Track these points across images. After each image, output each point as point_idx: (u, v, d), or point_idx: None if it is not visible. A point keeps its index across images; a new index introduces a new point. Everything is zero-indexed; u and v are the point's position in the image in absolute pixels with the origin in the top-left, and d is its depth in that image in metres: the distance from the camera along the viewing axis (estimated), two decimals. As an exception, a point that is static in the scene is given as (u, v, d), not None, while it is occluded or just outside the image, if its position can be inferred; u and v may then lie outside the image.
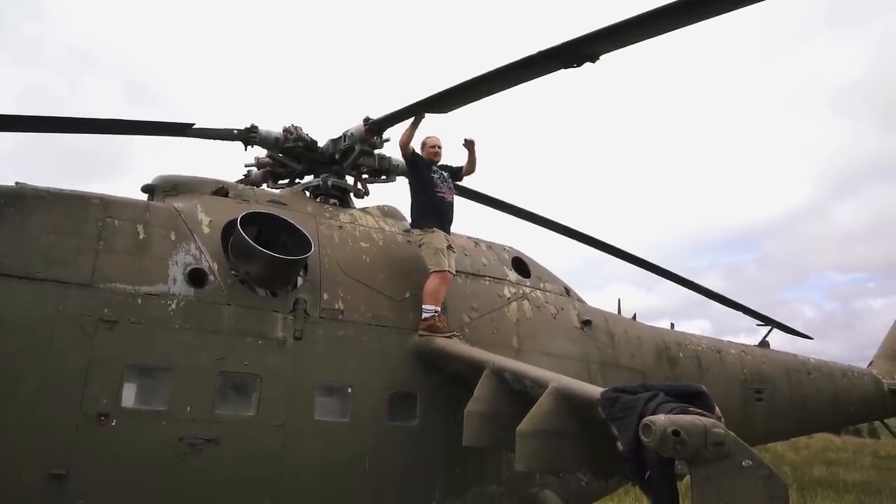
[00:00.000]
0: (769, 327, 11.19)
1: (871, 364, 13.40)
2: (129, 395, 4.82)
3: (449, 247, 6.30)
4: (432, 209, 6.41)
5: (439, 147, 6.64)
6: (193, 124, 6.43)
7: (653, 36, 4.77)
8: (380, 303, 5.97)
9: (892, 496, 15.00)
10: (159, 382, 4.91)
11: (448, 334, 5.93)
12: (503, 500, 6.05)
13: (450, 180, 6.65)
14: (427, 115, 6.23)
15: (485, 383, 5.01)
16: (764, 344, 10.77)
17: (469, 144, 6.70)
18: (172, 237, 5.28)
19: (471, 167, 6.80)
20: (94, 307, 4.75)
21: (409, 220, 7.16)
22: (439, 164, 6.67)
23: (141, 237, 5.16)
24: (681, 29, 4.70)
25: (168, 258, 5.17)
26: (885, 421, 13.61)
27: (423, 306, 6.00)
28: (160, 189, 5.87)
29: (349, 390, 5.59)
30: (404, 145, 6.44)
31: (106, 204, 5.17)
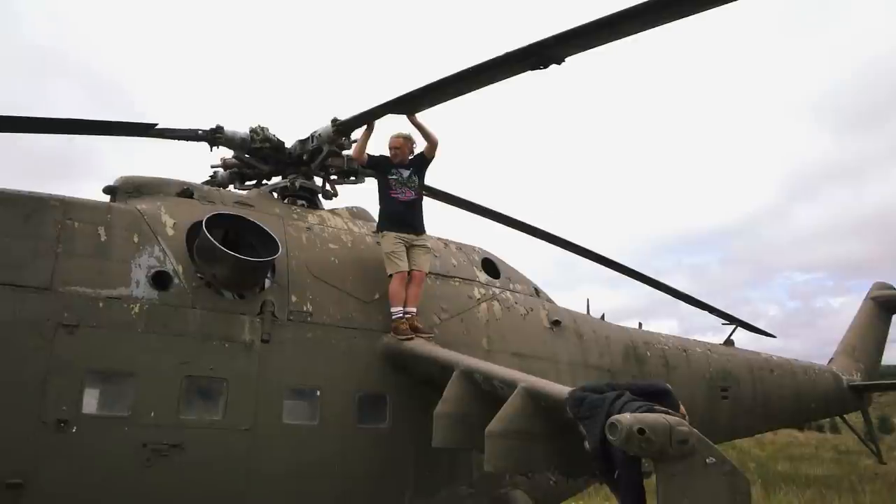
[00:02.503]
0: (734, 326, 11.41)
1: (831, 361, 13.77)
2: (90, 401, 4.70)
3: (415, 245, 6.25)
4: (385, 213, 6.43)
5: (397, 147, 6.47)
6: (157, 124, 6.31)
7: (617, 38, 4.83)
8: (349, 304, 5.93)
9: (851, 489, 15.43)
10: (122, 388, 4.80)
11: (407, 336, 5.86)
12: (473, 500, 6.06)
13: (414, 177, 6.43)
14: (391, 115, 6.19)
15: (455, 384, 5.01)
16: (729, 342, 10.98)
17: (412, 122, 6.27)
18: (135, 239, 5.17)
19: (427, 140, 6.37)
20: (53, 311, 4.62)
21: (377, 221, 7.15)
22: (410, 157, 6.50)
23: (102, 239, 5.04)
24: (644, 32, 4.77)
25: (131, 261, 5.06)
26: (845, 416, 14.01)
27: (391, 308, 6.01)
28: (122, 190, 5.73)
29: (318, 393, 5.54)
30: (357, 157, 6.46)
31: (65, 205, 5.03)
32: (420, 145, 6.50)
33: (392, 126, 6.46)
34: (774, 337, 13.11)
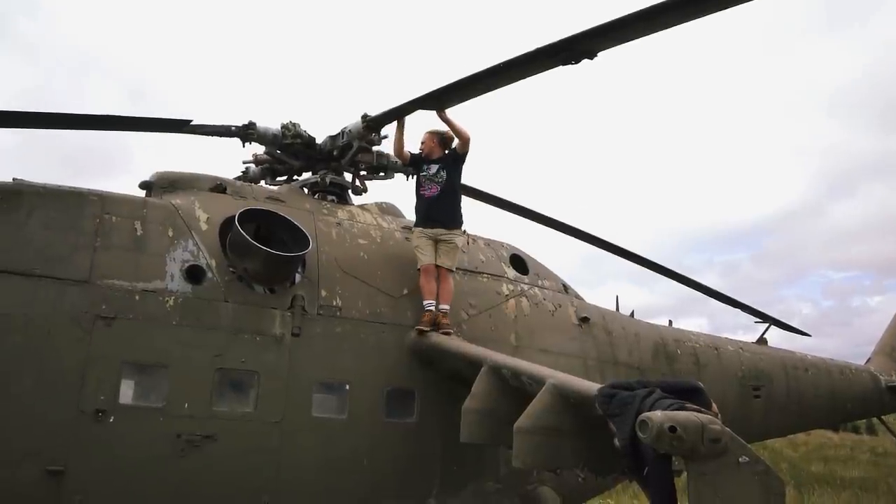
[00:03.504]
0: (767, 324, 11.19)
1: (868, 361, 13.42)
2: (126, 392, 4.83)
3: (440, 240, 6.25)
4: (415, 210, 6.54)
5: (423, 142, 6.56)
6: (191, 121, 6.42)
7: (650, 33, 4.77)
8: (377, 299, 5.97)
9: (889, 492, 15.06)
10: (157, 379, 4.92)
11: (423, 329, 5.89)
12: (500, 496, 6.06)
13: (441, 172, 6.40)
14: (420, 111, 6.20)
15: (482, 380, 5.02)
16: (762, 341, 10.77)
17: (441, 118, 6.28)
18: (170, 234, 5.28)
19: (458, 136, 6.36)
20: (91, 303, 4.75)
21: (406, 216, 7.18)
22: (442, 153, 6.49)
23: (138, 234, 5.15)
24: (678, 26, 4.70)
25: (166, 255, 5.17)
26: (883, 417, 13.64)
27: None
28: (158, 186, 5.86)
29: (347, 387, 5.59)
30: (398, 154, 6.58)
31: (103, 200, 5.16)
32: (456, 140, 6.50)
33: (424, 122, 6.49)
34: (809, 336, 12.82)
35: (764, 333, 10.95)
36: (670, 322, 9.47)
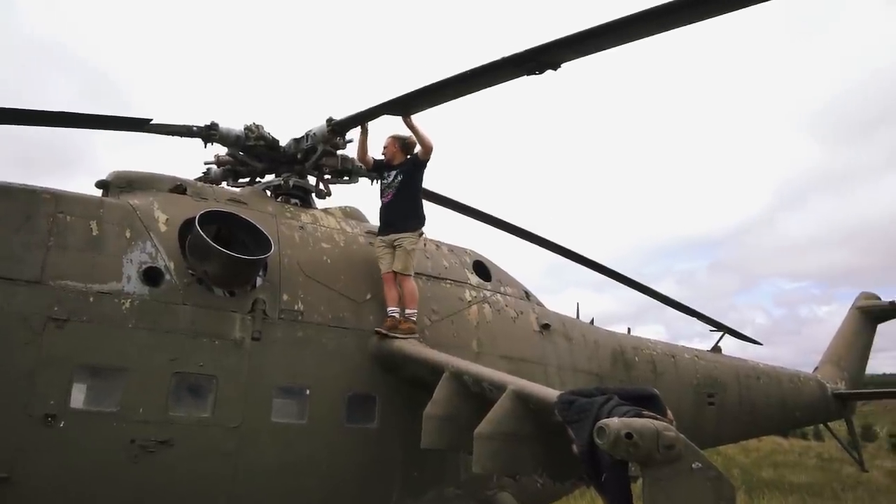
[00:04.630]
0: (721, 333, 11.51)
1: (816, 369, 13.90)
2: (78, 396, 4.69)
3: (395, 246, 6.25)
4: (378, 217, 6.56)
5: (385, 146, 6.56)
6: (151, 119, 6.29)
7: (612, 46, 4.87)
8: (340, 304, 5.94)
9: (833, 496, 15.57)
10: (111, 383, 4.79)
11: (395, 335, 5.90)
12: (460, 502, 6.08)
13: (398, 177, 6.40)
14: (386, 116, 6.21)
15: (444, 386, 5.03)
16: (716, 349, 11.08)
17: (406, 124, 6.25)
18: (127, 234, 5.16)
19: (421, 143, 6.29)
20: (43, 305, 4.60)
21: (370, 220, 7.17)
22: (405, 158, 6.48)
23: (94, 234, 5.02)
24: (640, 40, 4.81)
25: (122, 256, 5.05)
26: (829, 424, 14.14)
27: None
28: (115, 185, 5.71)
29: (307, 392, 5.55)
30: (362, 159, 6.60)
31: (57, 199, 5.01)
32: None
33: (390, 127, 6.50)
34: (761, 344, 13.24)
35: (718, 342, 11.27)
36: (629, 330, 9.67)
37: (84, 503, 4.53)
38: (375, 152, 6.65)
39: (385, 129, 6.59)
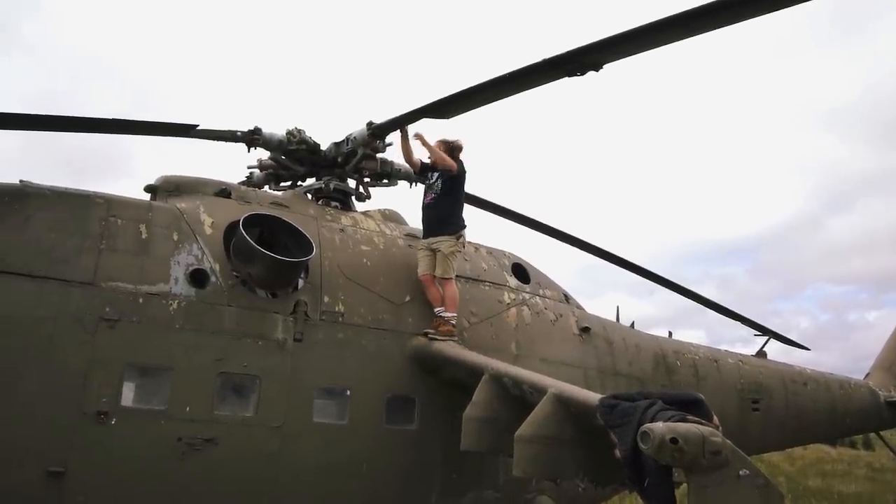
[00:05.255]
0: (766, 337, 11.19)
1: (867, 376, 13.41)
2: (128, 394, 4.84)
3: (432, 248, 6.34)
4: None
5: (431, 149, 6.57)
6: (197, 125, 6.45)
7: (656, 47, 4.81)
8: (380, 306, 5.99)
9: (886, 508, 15.03)
10: (159, 382, 4.93)
11: (440, 337, 5.95)
12: (499, 505, 6.06)
13: (439, 180, 6.51)
14: (428, 119, 6.24)
15: (483, 388, 5.03)
16: (761, 354, 10.77)
17: (417, 138, 6.40)
18: (175, 237, 5.30)
19: (432, 158, 6.48)
20: (95, 306, 4.76)
21: (409, 223, 7.22)
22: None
23: (143, 237, 5.17)
24: (683, 41, 4.74)
25: (170, 258, 5.19)
26: (881, 433, 13.62)
27: None
28: (163, 189, 5.88)
29: (348, 393, 5.61)
30: (409, 161, 6.67)
31: (109, 203, 5.18)
32: (465, 149, 6.57)
33: (430, 131, 6.53)
34: (808, 349, 12.83)
35: (763, 346, 10.96)
36: (670, 333, 9.48)
37: (133, 499, 4.67)
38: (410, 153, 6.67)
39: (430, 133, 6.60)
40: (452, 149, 6.51)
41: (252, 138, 6.87)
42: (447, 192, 6.48)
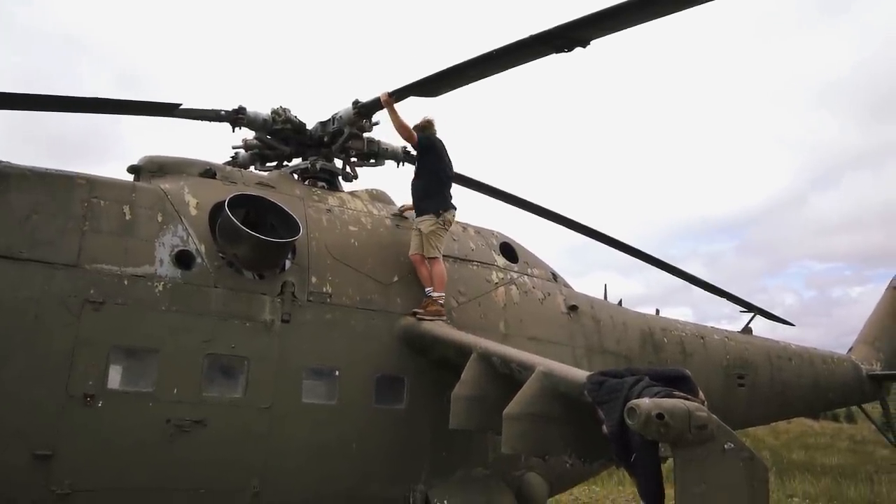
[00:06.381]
0: (752, 314, 11.31)
1: (851, 350, 13.61)
2: (115, 377, 4.82)
3: (417, 229, 6.36)
4: None
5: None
6: (181, 104, 6.34)
7: (644, 21, 4.78)
8: (368, 286, 5.98)
9: (867, 479, 15.34)
10: (145, 364, 4.91)
11: (424, 317, 5.96)
12: (489, 482, 6.11)
13: (415, 159, 6.61)
14: (415, 97, 6.18)
15: (472, 367, 5.05)
16: (747, 330, 10.89)
17: (386, 102, 6.20)
18: (159, 218, 5.24)
19: (393, 125, 6.35)
20: (80, 288, 4.71)
21: (397, 203, 7.18)
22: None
23: (127, 218, 5.11)
24: (671, 15, 4.71)
25: (155, 239, 5.14)
26: (863, 406, 13.86)
27: None
28: (146, 170, 5.80)
29: (336, 373, 5.61)
30: (408, 137, 6.39)
31: (92, 184, 5.11)
32: (438, 127, 6.51)
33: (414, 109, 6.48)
34: (793, 325, 12.99)
35: (749, 323, 11.07)
36: (657, 311, 9.55)
37: (122, 480, 4.66)
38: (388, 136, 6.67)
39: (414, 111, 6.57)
40: (420, 126, 6.46)
41: (236, 118, 6.78)
42: (420, 170, 6.51)
